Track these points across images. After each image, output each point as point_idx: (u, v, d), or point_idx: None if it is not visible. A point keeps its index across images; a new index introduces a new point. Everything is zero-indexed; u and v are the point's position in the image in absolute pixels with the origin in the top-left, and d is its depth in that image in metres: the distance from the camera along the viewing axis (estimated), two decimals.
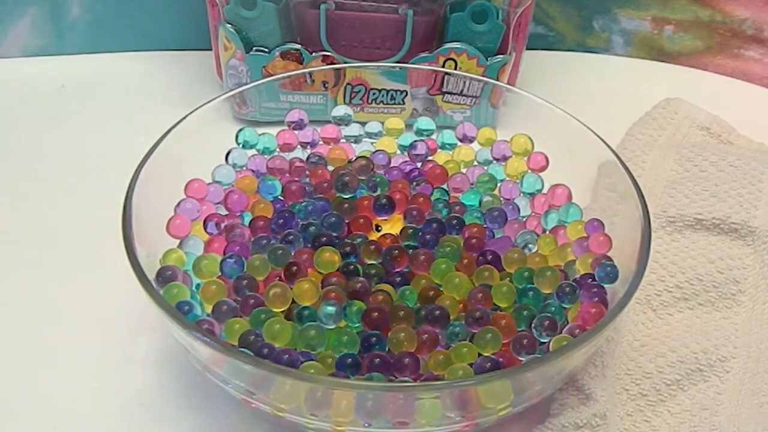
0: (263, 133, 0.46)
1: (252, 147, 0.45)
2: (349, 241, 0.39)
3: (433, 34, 0.53)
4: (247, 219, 0.41)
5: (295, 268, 0.37)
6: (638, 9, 0.62)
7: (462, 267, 0.39)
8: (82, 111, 0.57)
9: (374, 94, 0.53)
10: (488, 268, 0.38)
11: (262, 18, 0.51)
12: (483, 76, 0.52)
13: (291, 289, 0.36)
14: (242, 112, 0.53)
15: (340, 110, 0.47)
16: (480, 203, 0.43)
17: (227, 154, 0.44)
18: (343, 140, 0.47)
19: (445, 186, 0.44)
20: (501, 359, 0.35)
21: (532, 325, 0.36)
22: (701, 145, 0.50)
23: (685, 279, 0.42)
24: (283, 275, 0.38)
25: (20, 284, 0.44)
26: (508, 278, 0.39)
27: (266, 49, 0.52)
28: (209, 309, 0.37)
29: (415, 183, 0.43)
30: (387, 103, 0.53)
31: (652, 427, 0.38)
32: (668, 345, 0.40)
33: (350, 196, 0.42)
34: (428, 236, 0.40)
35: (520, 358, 0.35)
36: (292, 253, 0.38)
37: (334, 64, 0.53)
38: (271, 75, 0.52)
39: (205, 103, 0.43)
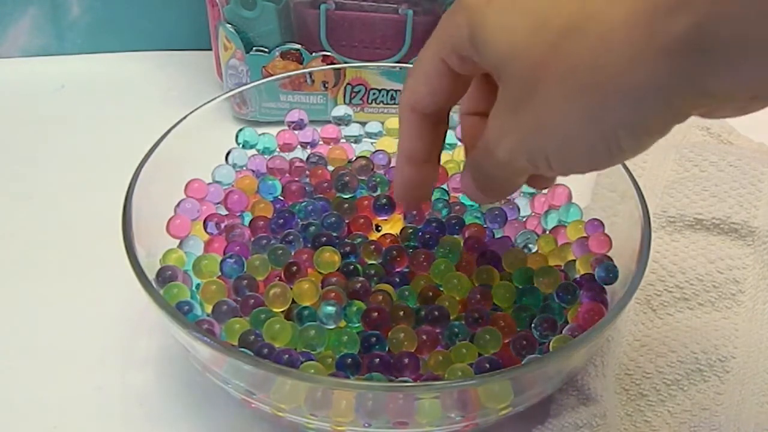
0: (263, 133, 0.46)
1: (252, 147, 0.45)
2: (349, 241, 0.39)
3: None
4: (247, 219, 0.41)
5: (295, 268, 0.37)
6: None
7: (462, 267, 0.39)
8: (82, 111, 0.57)
9: (374, 94, 0.53)
10: (488, 268, 0.38)
11: (262, 18, 0.51)
12: None
13: (291, 289, 0.36)
14: (242, 112, 0.53)
15: (340, 110, 0.47)
16: None
17: (227, 154, 0.44)
18: (343, 140, 0.47)
19: (445, 186, 0.44)
20: (501, 359, 0.35)
21: (532, 325, 0.36)
22: (701, 145, 0.49)
23: (685, 279, 0.42)
24: (283, 275, 0.38)
25: (20, 284, 0.44)
26: (508, 278, 0.39)
27: (266, 49, 0.52)
28: (209, 309, 0.37)
29: None
30: (387, 103, 0.53)
31: (652, 427, 0.38)
32: (668, 345, 0.40)
33: (350, 196, 0.42)
34: (428, 236, 0.40)
35: (520, 358, 0.35)
36: (292, 253, 0.38)
37: (334, 64, 0.53)
38: (271, 75, 0.52)
39: (205, 103, 0.43)
